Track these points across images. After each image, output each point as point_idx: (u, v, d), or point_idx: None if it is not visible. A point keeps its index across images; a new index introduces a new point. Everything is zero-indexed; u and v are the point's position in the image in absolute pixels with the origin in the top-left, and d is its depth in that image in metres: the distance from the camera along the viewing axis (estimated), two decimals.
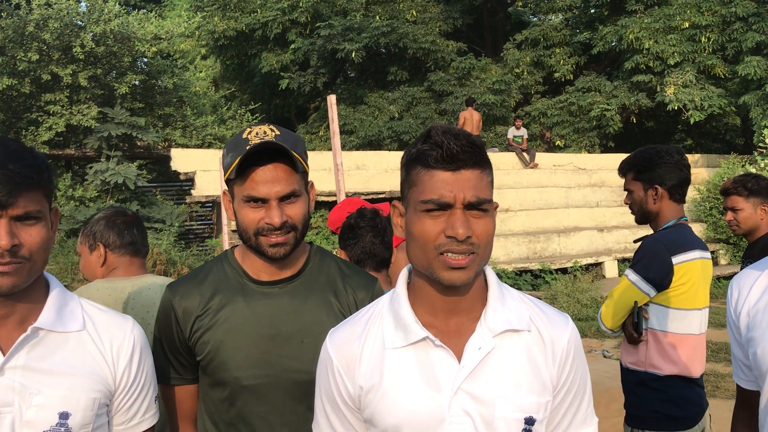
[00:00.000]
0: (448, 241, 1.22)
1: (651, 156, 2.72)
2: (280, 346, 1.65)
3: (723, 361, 7.13)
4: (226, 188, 1.71)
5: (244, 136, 1.63)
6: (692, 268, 2.63)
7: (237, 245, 1.81)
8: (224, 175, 1.67)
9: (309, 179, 1.74)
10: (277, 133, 1.64)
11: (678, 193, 2.72)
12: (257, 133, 1.62)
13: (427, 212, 1.24)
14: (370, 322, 1.37)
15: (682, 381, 2.62)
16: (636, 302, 2.65)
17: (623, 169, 2.84)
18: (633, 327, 2.67)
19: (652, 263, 2.63)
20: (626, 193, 2.84)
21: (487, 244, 1.26)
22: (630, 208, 2.82)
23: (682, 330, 2.63)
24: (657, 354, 2.63)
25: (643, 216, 2.79)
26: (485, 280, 1.37)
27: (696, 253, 2.65)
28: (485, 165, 1.26)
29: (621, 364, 2.78)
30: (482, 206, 1.24)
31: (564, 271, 11.76)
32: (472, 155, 1.23)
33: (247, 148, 1.58)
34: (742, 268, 3.43)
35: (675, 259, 2.61)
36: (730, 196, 3.44)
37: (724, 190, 3.52)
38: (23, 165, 1.32)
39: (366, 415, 1.34)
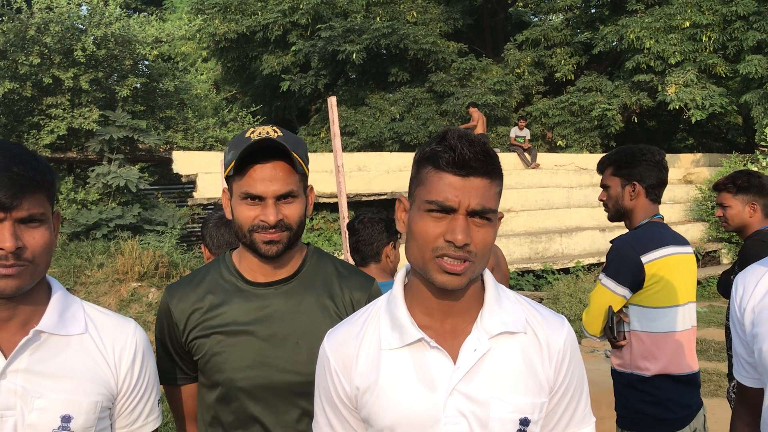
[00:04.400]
0: (446, 245, 1.23)
1: (633, 153, 2.75)
2: (274, 347, 1.65)
3: (725, 360, 7.10)
4: (226, 186, 1.72)
5: (247, 135, 1.65)
6: (665, 265, 2.61)
7: (236, 248, 1.81)
8: (224, 171, 1.68)
9: (309, 183, 1.74)
10: (280, 134, 1.65)
11: (654, 193, 2.73)
12: (260, 133, 1.64)
13: (429, 212, 1.25)
14: (367, 323, 1.38)
15: (670, 381, 2.59)
16: (610, 307, 2.63)
17: (602, 165, 2.85)
18: (609, 332, 2.65)
19: (622, 265, 2.62)
20: (602, 189, 2.85)
21: (485, 254, 1.27)
22: (604, 204, 2.83)
23: (663, 328, 2.61)
24: (641, 355, 2.61)
25: (617, 213, 2.79)
26: (482, 282, 1.37)
27: (669, 249, 2.63)
28: (495, 175, 1.26)
29: (611, 367, 2.77)
30: (486, 215, 1.24)
31: (566, 271, 11.75)
32: (484, 164, 1.23)
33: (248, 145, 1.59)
34: (735, 267, 3.43)
35: (644, 258, 2.59)
36: (720, 192, 3.43)
37: (715, 186, 3.51)
38: (27, 168, 1.32)
39: (363, 415, 1.35)
